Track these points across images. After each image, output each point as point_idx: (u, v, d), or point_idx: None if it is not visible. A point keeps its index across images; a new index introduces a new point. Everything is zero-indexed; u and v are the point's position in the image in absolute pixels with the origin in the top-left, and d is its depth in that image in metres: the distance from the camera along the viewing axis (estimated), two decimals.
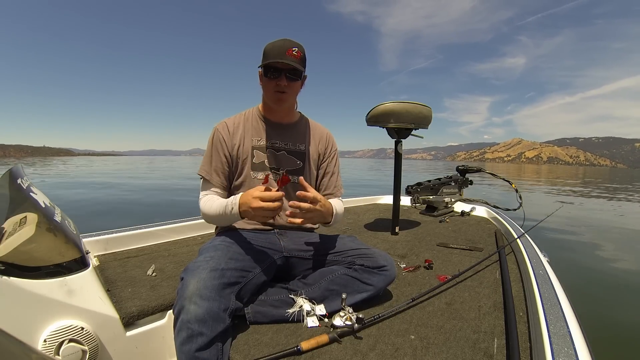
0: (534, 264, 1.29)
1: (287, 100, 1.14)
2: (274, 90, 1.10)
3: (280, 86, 1.08)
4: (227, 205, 1.01)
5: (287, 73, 1.07)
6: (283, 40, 1.07)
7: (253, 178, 1.15)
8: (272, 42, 1.07)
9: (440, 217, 2.61)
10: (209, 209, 1.08)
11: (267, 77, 1.09)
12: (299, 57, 1.07)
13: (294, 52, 1.05)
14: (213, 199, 1.10)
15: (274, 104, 1.15)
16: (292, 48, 1.05)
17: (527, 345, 0.87)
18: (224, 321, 0.83)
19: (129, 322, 0.99)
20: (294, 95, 1.15)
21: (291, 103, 1.19)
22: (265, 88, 1.13)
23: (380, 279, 1.06)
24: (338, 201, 1.22)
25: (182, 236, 1.86)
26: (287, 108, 1.19)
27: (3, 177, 1.04)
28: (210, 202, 1.09)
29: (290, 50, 1.05)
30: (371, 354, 0.83)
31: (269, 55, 1.06)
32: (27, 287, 0.83)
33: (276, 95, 1.11)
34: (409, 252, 1.70)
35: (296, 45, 1.06)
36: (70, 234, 1.02)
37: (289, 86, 1.09)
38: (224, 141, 1.14)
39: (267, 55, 1.06)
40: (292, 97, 1.15)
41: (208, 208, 1.08)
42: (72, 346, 0.85)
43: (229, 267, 0.92)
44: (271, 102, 1.15)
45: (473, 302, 1.13)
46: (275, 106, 1.17)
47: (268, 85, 1.11)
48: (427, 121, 1.96)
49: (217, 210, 1.05)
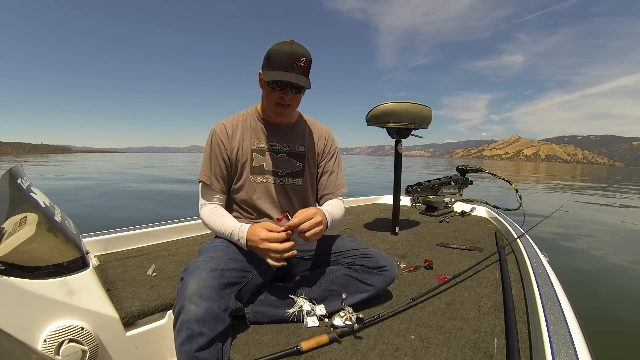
0: (534, 264, 1.29)
1: (290, 114, 1.11)
2: (275, 102, 1.04)
3: (284, 99, 1.03)
4: (233, 234, 1.00)
5: (293, 88, 1.01)
6: (290, 45, 0.98)
7: (252, 182, 1.13)
8: (278, 46, 0.98)
9: (440, 217, 2.61)
10: (212, 224, 1.06)
11: (270, 87, 1.02)
12: (306, 67, 1.01)
13: (302, 64, 0.98)
14: (216, 213, 1.07)
15: (275, 116, 1.11)
16: (300, 59, 0.97)
17: (527, 345, 0.87)
18: (224, 321, 0.83)
19: (129, 322, 0.99)
20: (296, 107, 1.11)
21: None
22: (267, 98, 1.06)
23: (380, 279, 1.06)
24: (337, 202, 1.19)
25: (182, 236, 1.86)
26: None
27: (3, 177, 1.04)
28: (213, 217, 1.06)
29: (299, 62, 0.97)
30: (371, 354, 0.83)
31: (275, 64, 0.98)
32: (27, 287, 0.83)
33: (278, 109, 1.06)
34: (409, 252, 1.70)
35: (304, 53, 0.99)
36: (70, 234, 1.02)
37: (292, 99, 1.04)
38: (222, 144, 1.10)
39: (273, 64, 0.99)
40: (294, 109, 1.11)
41: (211, 223, 1.06)
42: (72, 346, 0.85)
43: (229, 267, 0.92)
44: (272, 114, 1.10)
45: (473, 302, 1.13)
46: (275, 118, 1.12)
47: (270, 96, 1.04)
48: (427, 121, 1.96)
49: (221, 232, 1.04)
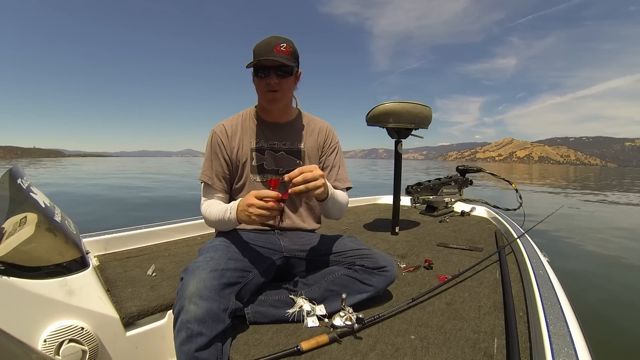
0: (534, 264, 1.29)
1: (281, 100, 1.10)
2: (265, 90, 1.06)
3: (270, 85, 1.04)
4: (226, 210, 1.00)
5: (276, 71, 1.03)
6: (270, 37, 1.04)
7: (253, 181, 1.14)
8: (260, 41, 1.04)
9: (440, 217, 2.61)
10: (210, 214, 1.07)
11: (258, 77, 1.06)
12: (288, 52, 1.03)
13: (282, 48, 1.01)
14: (214, 203, 1.09)
15: (267, 104, 1.11)
16: (279, 44, 1.01)
17: (527, 345, 0.87)
18: (224, 321, 0.83)
19: (129, 322, 0.99)
20: (287, 93, 1.10)
21: (286, 101, 1.14)
22: (257, 88, 1.09)
23: (380, 279, 1.06)
24: (341, 191, 1.18)
25: (182, 236, 1.86)
26: (282, 107, 1.14)
27: (3, 177, 1.04)
28: (211, 206, 1.08)
29: (278, 47, 1.01)
30: (371, 354, 0.83)
31: (256, 54, 1.02)
32: (27, 287, 0.83)
33: (268, 95, 1.07)
34: (409, 252, 1.70)
35: (284, 40, 1.03)
36: (70, 234, 1.02)
37: (280, 84, 1.05)
38: (222, 145, 1.12)
39: (255, 55, 1.03)
40: (285, 95, 1.10)
41: (209, 213, 1.08)
42: (72, 346, 0.85)
43: (229, 268, 0.92)
44: (264, 103, 1.12)
45: (473, 302, 1.13)
46: (268, 106, 1.12)
47: (259, 86, 1.07)
48: (427, 121, 1.96)
49: (216, 216, 1.04)
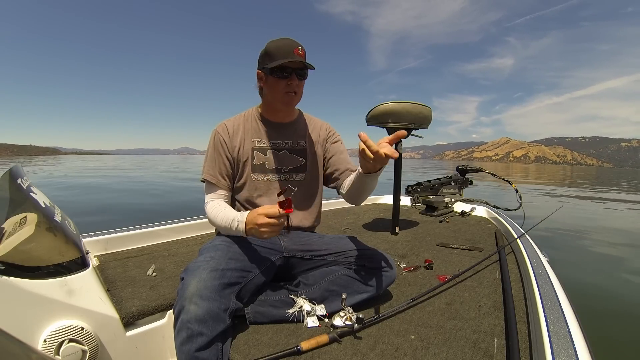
0: (534, 264, 1.29)
1: (297, 101, 1.13)
2: (284, 92, 1.07)
3: (291, 86, 1.06)
4: (233, 221, 1.00)
5: (298, 72, 1.06)
6: (286, 39, 1.05)
7: (253, 180, 1.14)
8: (274, 42, 1.05)
9: (440, 217, 2.61)
10: (215, 217, 1.07)
11: (276, 77, 1.06)
12: (304, 56, 1.05)
13: (300, 51, 1.03)
14: (220, 207, 1.08)
15: (285, 105, 1.12)
16: (297, 47, 1.03)
17: (527, 345, 0.87)
18: (224, 321, 0.83)
19: (129, 322, 0.99)
20: (301, 95, 1.14)
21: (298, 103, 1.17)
22: (274, 89, 1.09)
23: (380, 279, 1.06)
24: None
25: (182, 236, 1.86)
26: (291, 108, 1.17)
27: (3, 177, 1.04)
28: (216, 210, 1.07)
29: (297, 50, 1.03)
30: (371, 354, 0.83)
31: (276, 56, 1.03)
32: (27, 287, 0.83)
33: (287, 97, 1.08)
34: (409, 252, 1.70)
35: (299, 44, 1.04)
36: (70, 234, 1.02)
37: (299, 85, 1.08)
38: (225, 143, 1.13)
39: (274, 56, 1.03)
40: (300, 97, 1.14)
41: (214, 216, 1.07)
42: (72, 346, 0.85)
43: (229, 268, 0.92)
44: (281, 104, 1.12)
45: (473, 302, 1.13)
46: (285, 108, 1.14)
47: (277, 87, 1.07)
48: (427, 121, 1.96)
49: (222, 222, 1.04)
